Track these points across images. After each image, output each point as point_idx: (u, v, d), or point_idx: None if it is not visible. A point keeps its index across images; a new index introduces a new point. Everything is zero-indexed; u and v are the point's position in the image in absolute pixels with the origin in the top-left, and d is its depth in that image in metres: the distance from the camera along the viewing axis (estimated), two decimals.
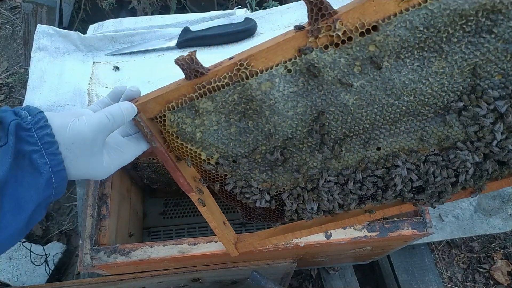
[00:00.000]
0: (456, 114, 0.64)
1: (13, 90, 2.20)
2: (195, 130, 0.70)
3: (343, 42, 0.58)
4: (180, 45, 1.25)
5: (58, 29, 1.28)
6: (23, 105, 1.08)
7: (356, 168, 0.72)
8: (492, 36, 0.56)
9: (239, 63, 0.62)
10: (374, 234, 1.01)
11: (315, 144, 0.70)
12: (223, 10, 1.37)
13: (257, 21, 1.27)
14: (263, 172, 0.75)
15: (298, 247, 1.00)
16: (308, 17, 0.58)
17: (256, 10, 1.54)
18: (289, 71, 0.62)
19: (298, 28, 0.59)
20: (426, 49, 0.58)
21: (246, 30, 1.24)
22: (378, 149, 0.70)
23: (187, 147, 0.73)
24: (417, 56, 0.59)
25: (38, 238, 1.82)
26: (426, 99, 0.63)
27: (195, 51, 0.64)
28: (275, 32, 1.26)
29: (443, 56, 0.59)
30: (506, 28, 0.55)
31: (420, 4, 0.54)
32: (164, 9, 1.87)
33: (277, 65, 0.61)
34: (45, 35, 1.26)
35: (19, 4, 2.54)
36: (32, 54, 1.23)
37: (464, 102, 0.63)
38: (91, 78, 1.17)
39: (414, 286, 1.55)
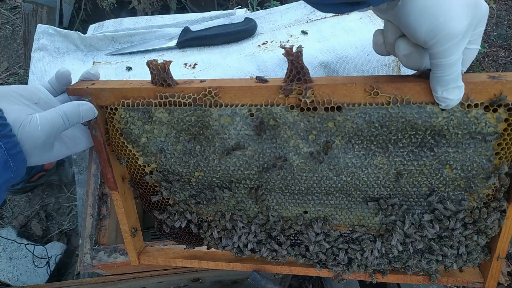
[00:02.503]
0: (379, 210, 0.70)
1: None
2: (141, 134, 0.70)
3: (308, 109, 0.62)
4: (180, 45, 1.25)
5: (58, 29, 1.28)
6: None
7: (279, 220, 0.75)
8: (432, 153, 0.63)
9: (208, 89, 0.63)
10: None
11: (250, 188, 0.72)
12: (223, 10, 1.38)
13: (257, 21, 1.27)
14: (193, 196, 0.76)
15: None
16: (286, 74, 0.61)
17: (256, 10, 1.54)
18: (252, 115, 0.64)
19: (260, 79, 0.63)
20: (374, 143, 0.63)
21: (246, 30, 1.24)
22: (305, 212, 0.74)
23: (127, 147, 0.72)
24: (365, 146, 0.64)
25: (38, 238, 1.82)
26: (360, 185, 0.68)
27: (170, 61, 0.64)
28: (275, 32, 1.26)
29: (386, 155, 0.64)
30: (444, 152, 0.62)
31: (383, 104, 0.59)
32: (164, 9, 1.87)
33: (242, 105, 0.64)
34: (45, 35, 1.26)
35: (19, 4, 2.54)
36: (32, 54, 1.23)
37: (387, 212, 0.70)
38: None
39: (414, 286, 1.55)
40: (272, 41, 1.22)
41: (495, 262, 0.72)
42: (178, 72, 1.16)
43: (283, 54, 0.59)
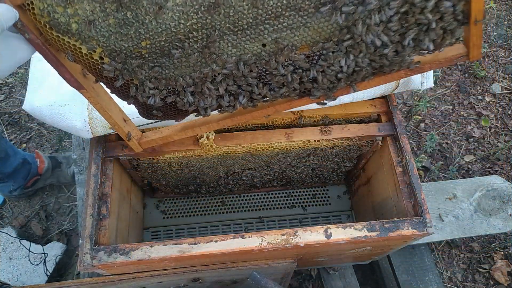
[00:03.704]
0: (334, 10, 0.66)
1: (13, 90, 2.20)
2: (69, 21, 0.64)
3: None
4: None
5: None
6: (24, 106, 1.08)
7: (242, 62, 0.73)
8: None
9: None
10: (374, 234, 1.01)
11: (201, 39, 0.68)
12: None
13: None
14: (152, 68, 0.72)
15: (298, 247, 1.00)
16: None
17: None
18: None
19: None
20: None
21: None
22: (264, 45, 0.70)
23: (64, 39, 0.67)
24: None
25: (38, 238, 1.82)
26: None
27: None
28: None
29: None
30: None
31: None
32: None
33: None
34: None
35: None
36: None
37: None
38: None
39: (414, 286, 1.55)
40: None
41: (473, 28, 0.66)
42: None
43: None
